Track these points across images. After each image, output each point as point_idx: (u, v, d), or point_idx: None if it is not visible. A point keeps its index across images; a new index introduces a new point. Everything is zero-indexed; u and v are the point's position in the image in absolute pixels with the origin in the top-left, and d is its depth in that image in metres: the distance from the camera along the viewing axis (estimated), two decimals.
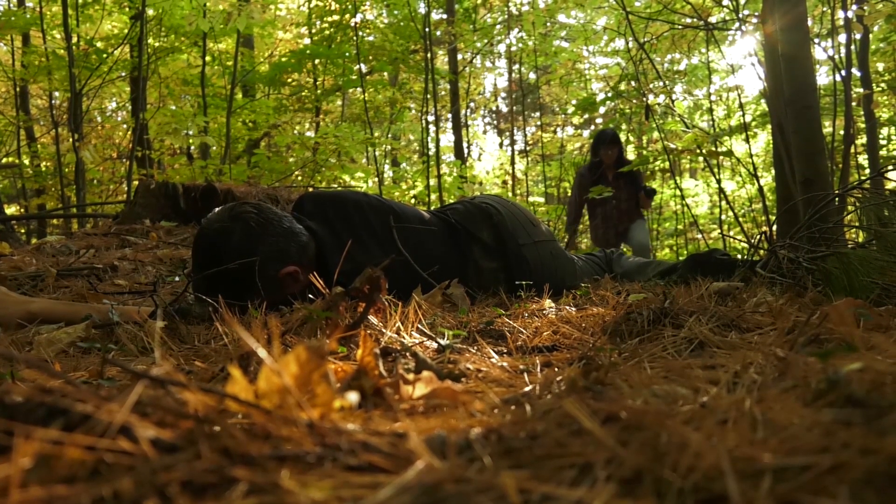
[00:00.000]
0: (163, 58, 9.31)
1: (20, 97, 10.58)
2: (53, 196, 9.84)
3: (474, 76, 15.56)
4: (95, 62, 8.14)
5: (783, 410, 0.53)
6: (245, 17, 5.63)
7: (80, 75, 7.59)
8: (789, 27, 2.80)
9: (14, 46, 10.45)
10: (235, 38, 8.29)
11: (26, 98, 11.00)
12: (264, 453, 0.40)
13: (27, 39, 10.38)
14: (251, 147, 10.19)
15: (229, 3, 7.55)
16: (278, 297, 1.64)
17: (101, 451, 0.37)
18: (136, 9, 8.02)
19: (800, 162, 2.66)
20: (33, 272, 2.29)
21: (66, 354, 1.29)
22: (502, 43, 12.48)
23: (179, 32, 8.62)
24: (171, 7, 7.27)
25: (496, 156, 16.42)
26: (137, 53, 7.91)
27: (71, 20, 6.97)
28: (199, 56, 9.36)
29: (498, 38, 12.23)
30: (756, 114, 8.79)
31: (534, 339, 1.18)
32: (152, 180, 4.59)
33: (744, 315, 1.20)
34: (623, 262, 2.66)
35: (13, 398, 0.43)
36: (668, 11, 6.14)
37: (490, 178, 14.56)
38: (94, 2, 8.73)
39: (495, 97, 19.27)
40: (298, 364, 0.50)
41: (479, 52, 12.76)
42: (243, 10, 5.84)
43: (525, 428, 0.53)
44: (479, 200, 2.22)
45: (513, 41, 11.44)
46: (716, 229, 10.69)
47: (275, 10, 10.29)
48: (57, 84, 8.68)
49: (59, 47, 8.24)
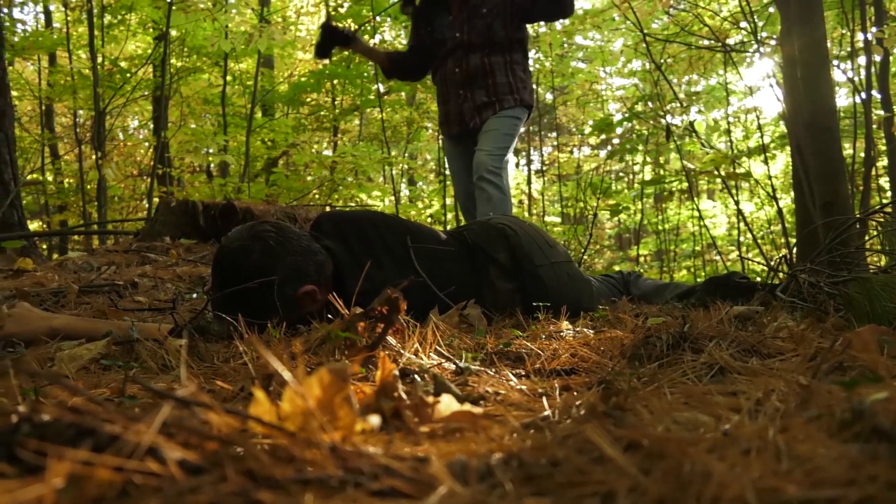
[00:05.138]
0: (185, 77, 9.48)
1: (45, 115, 10.82)
2: (75, 212, 10.00)
3: None
4: (119, 82, 8.31)
5: (807, 441, 0.52)
6: (266, 38, 5.72)
7: (105, 94, 7.75)
8: (808, 49, 2.80)
9: (41, 66, 10.71)
10: (256, 59, 8.43)
11: (51, 116, 11.24)
12: (288, 476, 0.41)
13: (54, 59, 10.64)
14: (269, 165, 10.31)
15: (251, 25, 7.68)
16: (296, 316, 1.65)
17: (130, 471, 0.37)
18: (160, 30, 8.20)
19: (819, 185, 2.64)
20: (55, 288, 2.32)
21: (86, 371, 1.31)
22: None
23: (201, 53, 8.79)
24: (194, 28, 7.41)
25: (512, 175, 16.46)
26: (160, 73, 8.07)
27: (96, 41, 7.14)
28: (220, 76, 9.52)
29: None
30: (775, 135, 8.76)
31: (552, 361, 1.18)
32: (173, 198, 4.65)
33: (764, 340, 1.19)
34: (640, 283, 2.65)
35: (43, 418, 0.44)
36: (685, 34, 6.16)
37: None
38: (119, 23, 8.92)
39: None
40: (321, 387, 0.51)
41: None
42: (264, 31, 5.94)
43: (546, 454, 0.53)
44: (495, 221, 2.22)
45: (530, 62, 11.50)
46: (734, 251, 10.61)
47: (295, 30, 10.46)
48: (81, 103, 8.86)
49: (85, 67, 8.43)
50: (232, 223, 3.83)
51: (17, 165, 4.57)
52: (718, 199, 11.66)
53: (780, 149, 8.55)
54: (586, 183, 8.96)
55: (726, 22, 6.47)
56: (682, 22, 6.85)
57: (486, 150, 3.00)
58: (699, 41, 6.11)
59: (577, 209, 10.59)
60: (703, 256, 10.33)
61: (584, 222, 10.72)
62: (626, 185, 13.77)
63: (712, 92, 9.27)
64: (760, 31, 5.34)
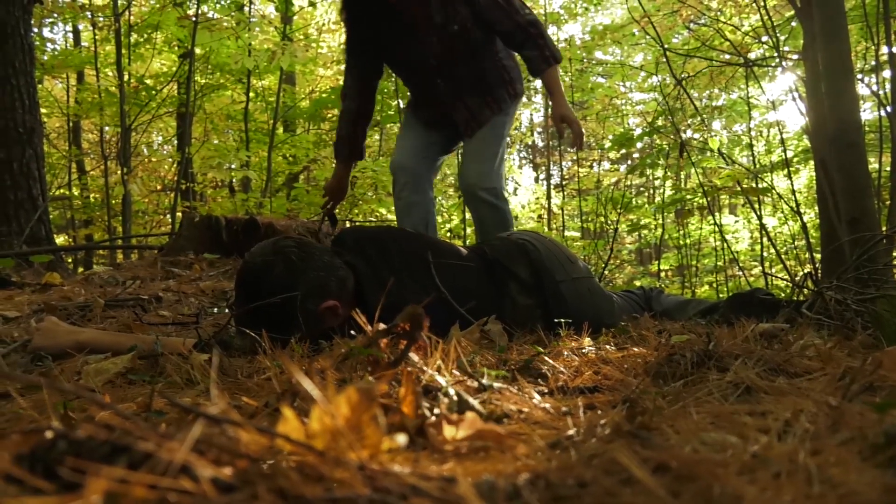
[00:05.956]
0: (208, 94, 9.64)
1: (73, 132, 11.04)
2: (100, 227, 10.17)
3: None
4: (145, 99, 8.47)
5: (839, 464, 0.51)
6: (289, 55, 5.81)
7: (131, 111, 7.90)
8: (832, 63, 2.78)
9: (69, 84, 10.95)
10: (278, 76, 8.54)
11: (78, 133, 11.48)
12: (318, 496, 0.41)
13: (82, 77, 10.88)
14: (291, 181, 10.41)
15: (273, 43, 7.80)
16: (318, 332, 1.66)
17: (164, 489, 0.38)
18: (185, 48, 8.35)
19: (845, 200, 2.61)
20: (82, 302, 2.36)
21: (112, 385, 1.33)
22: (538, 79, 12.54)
23: (225, 70, 8.93)
24: (218, 46, 7.54)
25: (532, 190, 16.45)
26: (185, 90, 8.21)
27: (123, 59, 7.29)
28: (243, 92, 9.66)
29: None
30: (798, 150, 8.67)
31: (574, 379, 1.17)
32: (196, 213, 4.71)
33: (791, 359, 1.17)
34: (662, 299, 2.62)
35: (78, 435, 0.45)
36: (706, 48, 6.14)
37: (526, 213, 14.55)
38: (145, 41, 9.11)
39: (531, 132, 19.37)
40: (349, 405, 0.51)
41: None
42: (287, 48, 6.04)
43: (572, 474, 0.52)
44: (515, 236, 2.22)
45: None
46: (756, 266, 10.47)
47: (316, 47, 10.59)
48: (108, 119, 9.04)
49: (112, 84, 8.60)
50: (254, 238, 3.87)
51: (45, 181, 4.68)
52: (740, 213, 11.54)
53: (804, 163, 8.46)
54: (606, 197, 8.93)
55: (747, 36, 6.44)
56: (703, 37, 6.83)
57: (477, 165, 2.66)
58: (720, 56, 6.08)
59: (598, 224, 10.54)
60: (725, 272, 10.22)
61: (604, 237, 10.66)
62: (647, 200, 13.69)
63: (734, 106, 9.22)
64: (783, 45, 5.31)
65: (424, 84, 2.75)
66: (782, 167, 6.12)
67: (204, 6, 7.90)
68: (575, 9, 11.40)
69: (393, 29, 2.59)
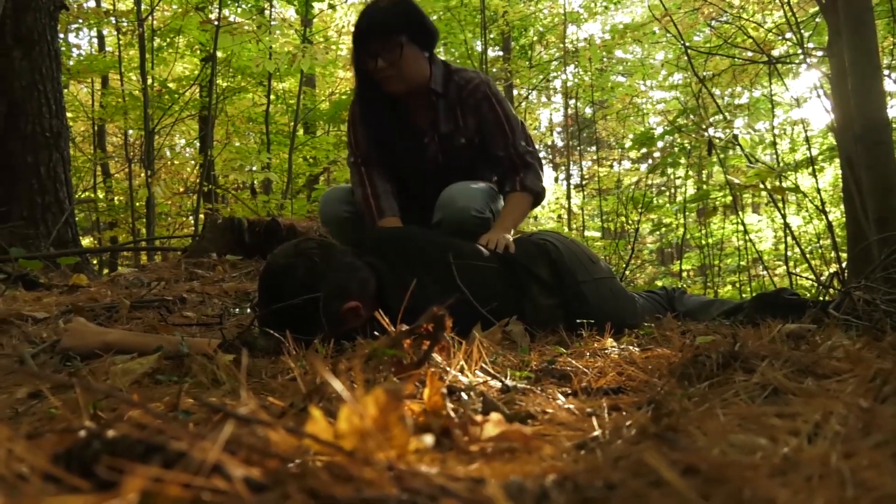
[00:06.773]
0: (230, 97, 9.74)
1: (98, 135, 11.23)
2: (124, 229, 10.32)
3: (530, 111, 15.66)
4: (168, 102, 8.59)
5: (872, 467, 0.50)
6: (309, 58, 5.84)
7: (154, 114, 8.01)
8: (859, 60, 2.73)
9: (94, 88, 11.13)
10: (299, 78, 8.60)
11: (103, 136, 11.67)
12: (348, 496, 0.41)
13: (106, 82, 11.06)
14: (311, 182, 10.49)
15: (294, 45, 7.86)
16: (340, 332, 1.67)
17: (198, 488, 0.39)
18: (207, 52, 8.45)
19: (873, 199, 2.56)
20: (108, 303, 2.40)
21: (139, 385, 1.35)
22: (558, 78, 12.53)
23: (246, 73, 9.02)
24: (240, 50, 7.61)
25: (552, 190, 16.39)
26: (207, 93, 8.31)
27: (147, 63, 7.40)
28: (264, 95, 9.75)
29: (554, 74, 12.29)
30: (823, 147, 8.54)
31: (598, 380, 1.17)
32: (219, 215, 4.76)
33: (819, 360, 1.15)
34: (685, 300, 2.60)
35: (112, 434, 0.45)
36: (727, 46, 6.07)
37: (545, 213, 14.52)
38: (168, 46, 9.23)
39: (551, 132, 19.31)
40: (377, 406, 0.51)
41: (535, 87, 12.86)
42: (307, 51, 6.07)
43: (600, 476, 0.52)
44: (536, 237, 2.21)
45: (569, 77, 11.48)
46: (780, 265, 10.33)
47: (336, 50, 10.65)
48: (132, 123, 9.18)
49: (136, 89, 8.73)
50: (276, 240, 3.90)
51: (71, 184, 4.76)
52: (764, 212, 11.40)
53: (829, 161, 8.33)
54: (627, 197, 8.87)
55: (770, 33, 6.36)
56: (725, 34, 6.76)
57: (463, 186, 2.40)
58: (743, 53, 6.01)
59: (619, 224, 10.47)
60: (748, 272, 10.09)
61: (624, 237, 10.59)
62: (669, 199, 13.57)
63: (757, 104, 9.11)
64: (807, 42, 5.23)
65: (414, 186, 2.61)
66: (807, 165, 6.03)
67: (225, 10, 8.00)
68: (595, 7, 11.34)
69: (397, 127, 2.50)
